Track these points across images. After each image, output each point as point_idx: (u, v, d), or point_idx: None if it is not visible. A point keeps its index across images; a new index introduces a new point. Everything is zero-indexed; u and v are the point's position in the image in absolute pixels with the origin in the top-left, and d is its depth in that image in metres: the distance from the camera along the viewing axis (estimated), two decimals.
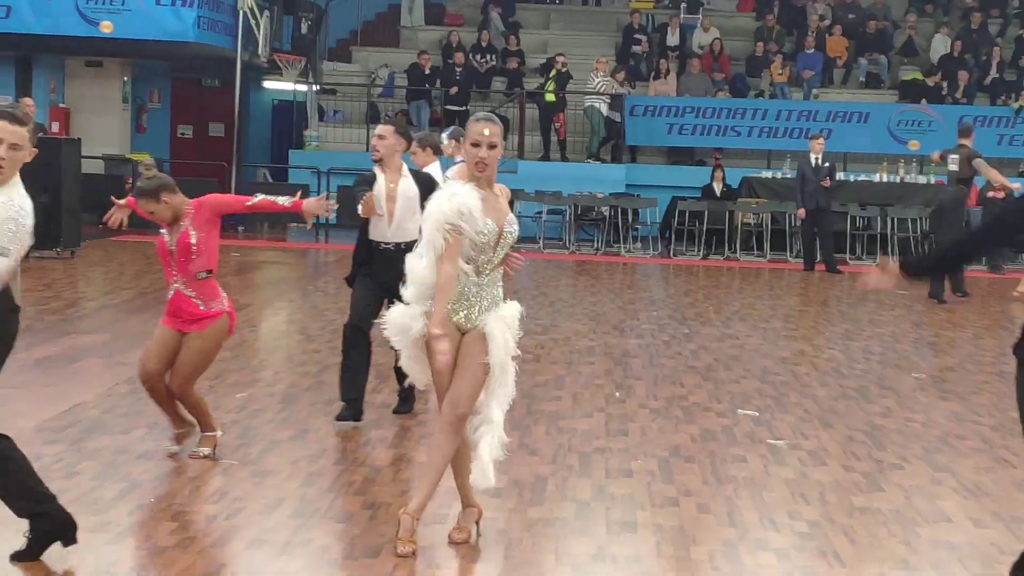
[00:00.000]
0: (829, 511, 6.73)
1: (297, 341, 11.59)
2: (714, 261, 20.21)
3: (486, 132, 5.88)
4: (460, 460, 6.07)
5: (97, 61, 22.52)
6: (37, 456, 7.09)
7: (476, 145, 5.89)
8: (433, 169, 9.01)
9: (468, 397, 5.86)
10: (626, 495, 6.88)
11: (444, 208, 5.75)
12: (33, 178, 17.74)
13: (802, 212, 18.65)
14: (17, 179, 5.40)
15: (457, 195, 5.78)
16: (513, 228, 5.95)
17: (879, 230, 21.00)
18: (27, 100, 18.41)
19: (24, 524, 5.54)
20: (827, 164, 18.83)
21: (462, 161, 8.75)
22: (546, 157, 23.27)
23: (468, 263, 5.83)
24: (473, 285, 5.89)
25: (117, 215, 7.63)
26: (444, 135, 10.71)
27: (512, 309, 5.98)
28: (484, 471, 5.91)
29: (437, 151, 9.47)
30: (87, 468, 6.97)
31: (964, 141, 15.84)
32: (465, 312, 5.89)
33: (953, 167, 15.81)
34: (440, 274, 5.73)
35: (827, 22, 25.90)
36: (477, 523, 6.18)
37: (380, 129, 8.42)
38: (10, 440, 5.49)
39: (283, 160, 23.92)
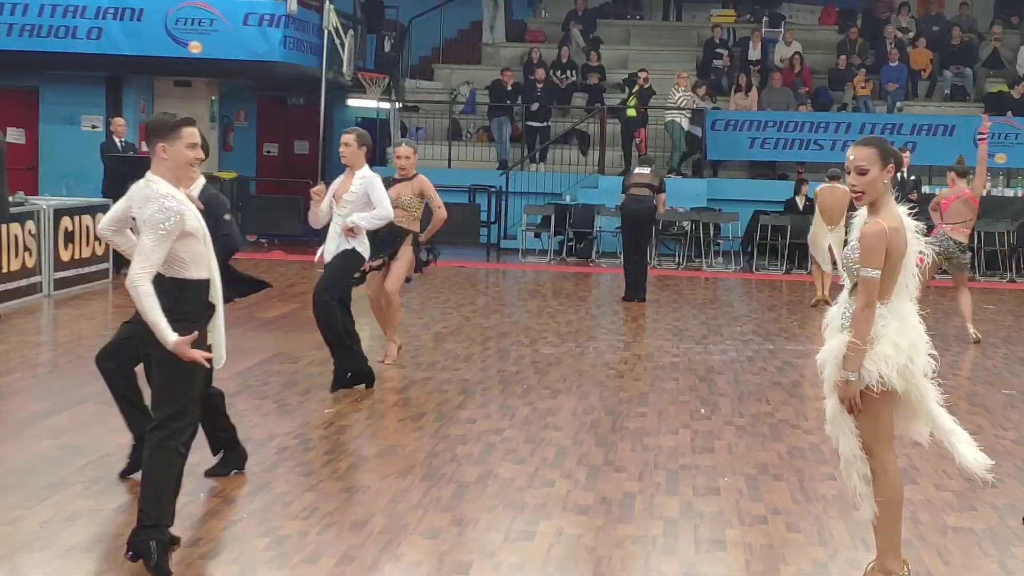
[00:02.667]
0: (921, 531, 6.67)
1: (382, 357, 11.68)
2: (797, 276, 20.05)
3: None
4: None
5: (186, 81, 22.89)
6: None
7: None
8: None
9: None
10: (714, 512, 6.87)
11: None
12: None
13: None
14: None
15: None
16: (849, 250, 5.56)
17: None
18: (118, 120, 18.77)
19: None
20: (912, 178, 18.62)
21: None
22: (627, 172, 23.23)
23: None
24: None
25: None
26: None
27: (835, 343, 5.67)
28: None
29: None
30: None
31: None
32: None
33: None
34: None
35: (911, 34, 25.64)
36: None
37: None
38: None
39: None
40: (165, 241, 5.55)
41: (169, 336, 5.52)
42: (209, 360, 5.79)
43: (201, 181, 7.09)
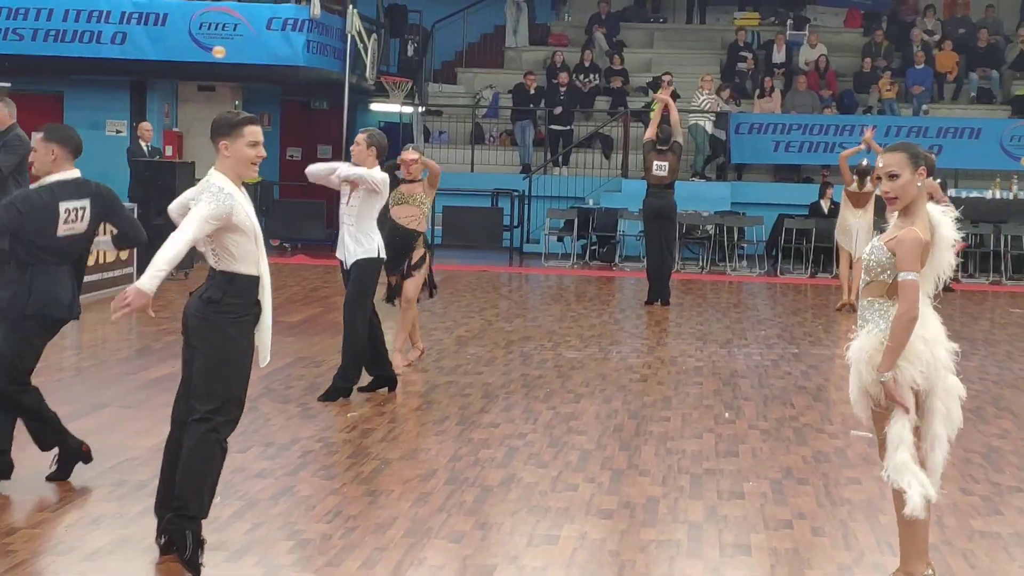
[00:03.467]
0: (947, 535, 6.62)
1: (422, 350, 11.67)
2: (822, 279, 19.97)
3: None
4: None
5: (209, 86, 22.96)
6: (156, 474, 7.24)
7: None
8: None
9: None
10: (739, 517, 6.84)
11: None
12: (148, 201, 18.16)
13: None
14: None
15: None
16: (871, 248, 5.61)
17: (992, 247, 20.60)
18: (145, 124, 18.84)
19: None
20: (938, 181, 18.52)
21: None
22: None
23: None
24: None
25: None
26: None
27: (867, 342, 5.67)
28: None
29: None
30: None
31: None
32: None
33: None
34: None
35: (936, 37, 25.51)
36: None
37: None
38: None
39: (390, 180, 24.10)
40: (208, 221, 5.68)
41: (144, 281, 5.64)
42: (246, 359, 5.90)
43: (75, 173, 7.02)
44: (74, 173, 6.99)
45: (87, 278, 14.64)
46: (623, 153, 23.21)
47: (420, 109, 24.41)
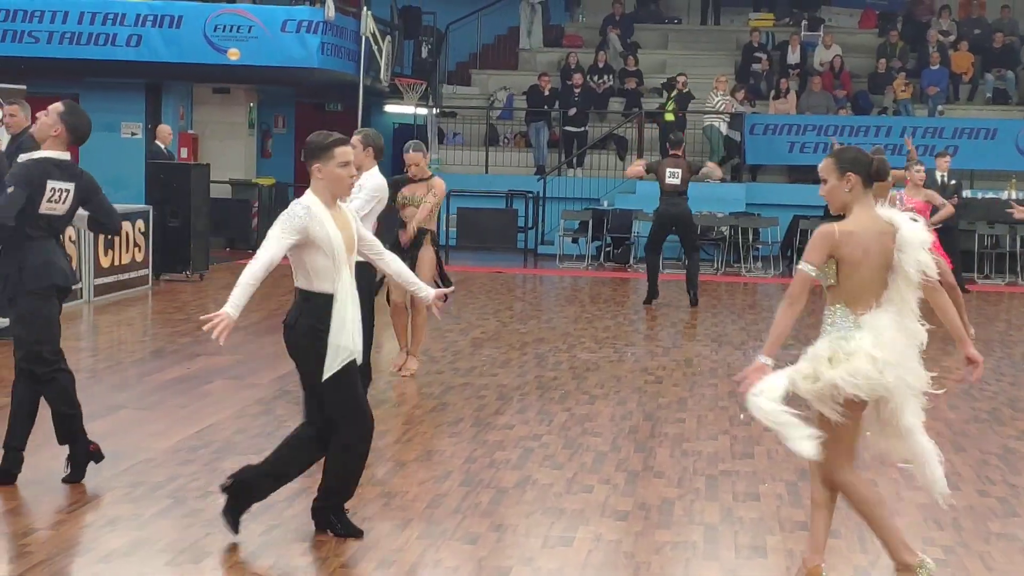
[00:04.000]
0: (964, 537, 6.60)
1: (420, 363, 11.66)
2: None
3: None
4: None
5: (224, 88, 23.00)
6: (173, 476, 7.27)
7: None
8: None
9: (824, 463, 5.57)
10: (755, 519, 6.82)
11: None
12: (164, 203, 18.20)
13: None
14: None
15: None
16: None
17: (1008, 248, 20.53)
18: (164, 127, 18.91)
19: None
20: (953, 182, 18.46)
21: None
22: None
23: None
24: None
25: None
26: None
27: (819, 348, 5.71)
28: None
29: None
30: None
31: None
32: None
33: None
34: None
35: (952, 37, 25.44)
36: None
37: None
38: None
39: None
40: (281, 238, 5.88)
41: (228, 307, 5.83)
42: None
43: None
44: (65, 155, 7.06)
45: (103, 279, 14.74)
46: (637, 154, 23.16)
47: (434, 111, 24.43)
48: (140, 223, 15.80)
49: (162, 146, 18.42)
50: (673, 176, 16.07)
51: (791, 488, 7.44)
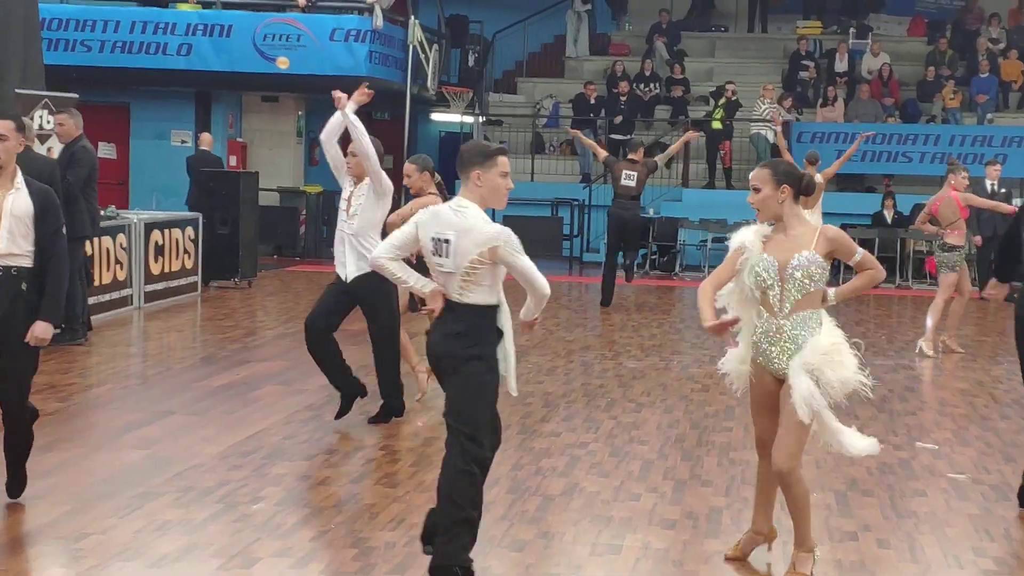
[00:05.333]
0: (1015, 548, 6.55)
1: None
2: (885, 290, 19.79)
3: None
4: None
5: (273, 96, 23.17)
6: (223, 482, 7.33)
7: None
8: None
9: (788, 456, 5.84)
10: None
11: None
12: (213, 211, 18.32)
13: (978, 240, 18.15)
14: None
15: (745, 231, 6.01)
16: (799, 263, 5.93)
17: None
18: (205, 135, 19.05)
19: None
20: (1003, 190, 18.31)
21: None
22: (711, 185, 23.14)
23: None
24: (772, 325, 5.89)
25: None
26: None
27: (821, 342, 5.92)
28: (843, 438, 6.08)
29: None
30: (270, 494, 7.16)
31: None
32: (776, 357, 5.93)
33: None
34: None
35: (1001, 45, 25.22)
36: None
37: None
38: None
39: (450, 190, 24.16)
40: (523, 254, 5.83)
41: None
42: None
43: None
44: None
45: (153, 286, 14.88)
46: (683, 163, 23.13)
47: (480, 119, 24.49)
48: (190, 230, 15.93)
49: (207, 148, 18.64)
50: (628, 179, 16.21)
51: (840, 498, 7.41)
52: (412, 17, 21.73)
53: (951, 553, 6.43)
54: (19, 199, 6.38)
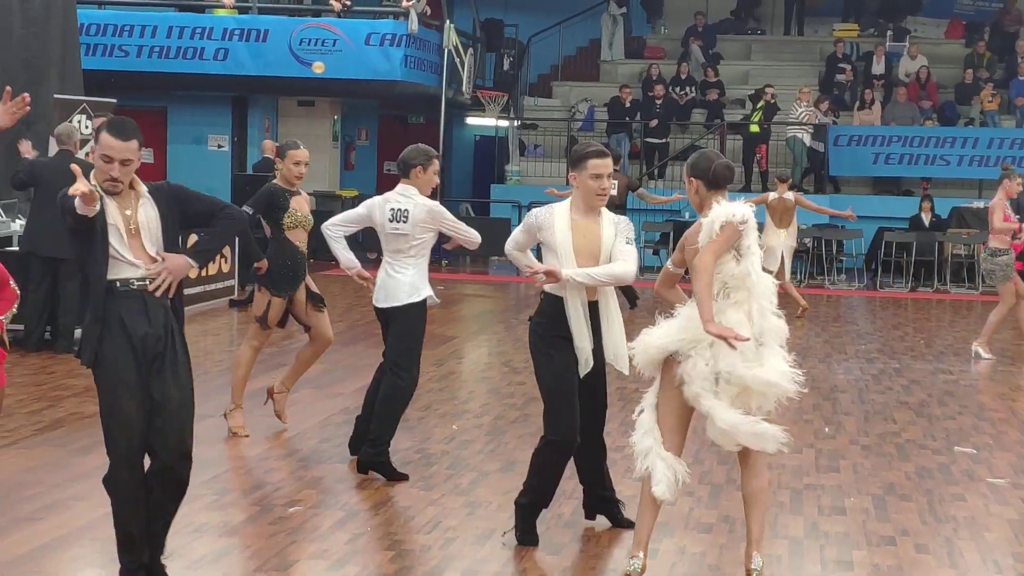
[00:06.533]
0: None
1: (502, 373, 11.70)
2: (923, 294, 19.69)
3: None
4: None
5: (309, 100, 23.26)
6: (259, 484, 7.37)
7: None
8: None
9: None
10: (841, 533, 6.76)
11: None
12: (250, 216, 18.29)
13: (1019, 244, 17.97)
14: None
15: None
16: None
17: None
18: (268, 142, 19.34)
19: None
20: None
21: None
22: (747, 188, 23.04)
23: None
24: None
25: None
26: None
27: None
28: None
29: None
30: (307, 496, 7.18)
31: None
32: None
33: None
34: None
35: None
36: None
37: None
38: None
39: (485, 194, 24.27)
40: (515, 235, 6.60)
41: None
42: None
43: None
44: None
45: (190, 290, 14.95)
46: None
47: (516, 123, 24.51)
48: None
49: (270, 155, 18.82)
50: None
51: (878, 502, 7.36)
52: (447, 21, 21.77)
53: (990, 558, 6.38)
54: (148, 208, 5.54)
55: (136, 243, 5.47)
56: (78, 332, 11.88)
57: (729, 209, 5.81)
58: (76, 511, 6.75)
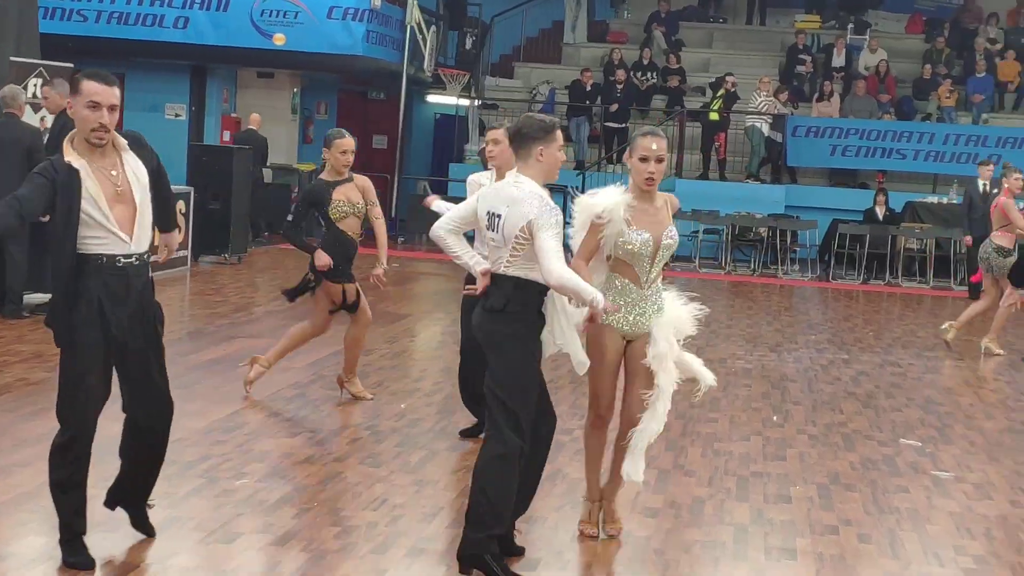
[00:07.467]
0: (996, 547, 6.56)
1: (455, 352, 11.65)
2: (874, 286, 19.84)
3: (654, 147, 5.96)
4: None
5: (269, 72, 23.10)
6: (206, 456, 7.33)
7: (645, 160, 5.95)
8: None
9: (642, 406, 6.06)
10: (785, 521, 6.81)
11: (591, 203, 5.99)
12: (206, 187, 18.28)
13: (968, 240, 18.15)
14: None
15: (604, 196, 6.00)
16: (671, 240, 6.08)
17: None
18: (254, 115, 19.32)
19: None
20: (996, 191, 18.30)
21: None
22: (704, 176, 23.13)
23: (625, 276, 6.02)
24: (637, 295, 6.02)
25: None
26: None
27: (677, 312, 6.19)
28: (636, 464, 6.10)
29: None
30: (253, 470, 7.15)
31: None
32: (632, 318, 6.05)
33: None
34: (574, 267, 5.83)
35: (999, 45, 25.23)
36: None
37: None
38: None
39: (443, 173, 24.20)
40: (559, 236, 5.58)
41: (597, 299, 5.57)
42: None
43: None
44: None
45: None
46: (678, 153, 23.10)
47: (476, 102, 24.44)
48: (180, 204, 15.87)
49: (255, 128, 18.82)
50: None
51: (823, 491, 7.42)
52: None
53: (931, 550, 6.44)
54: (133, 163, 5.47)
55: (122, 210, 5.39)
56: (28, 297, 11.77)
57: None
58: (21, 477, 6.69)
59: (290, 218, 8.84)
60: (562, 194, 22.22)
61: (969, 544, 6.58)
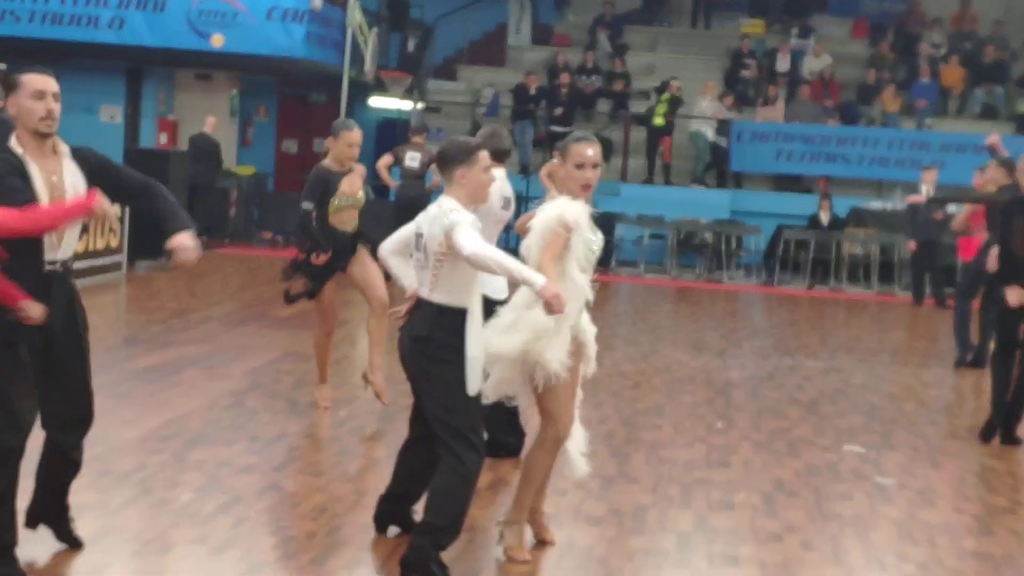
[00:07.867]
0: (939, 554, 6.53)
1: (395, 359, 11.53)
2: (819, 292, 19.90)
3: (590, 152, 5.89)
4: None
5: (206, 74, 22.83)
6: (141, 466, 7.16)
7: (581, 167, 5.87)
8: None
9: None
10: (728, 528, 6.74)
11: (556, 215, 5.79)
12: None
13: (912, 245, 18.25)
14: None
15: (569, 207, 5.83)
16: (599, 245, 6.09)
17: None
18: (210, 119, 19.12)
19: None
20: (939, 196, 18.42)
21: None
22: (649, 181, 23.12)
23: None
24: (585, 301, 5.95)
25: None
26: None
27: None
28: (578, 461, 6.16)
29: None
30: (189, 480, 7.00)
31: None
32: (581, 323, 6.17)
33: None
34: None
35: (943, 51, 25.41)
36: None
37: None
38: None
39: (373, 174, 24.03)
40: (477, 230, 5.49)
41: (536, 279, 5.48)
42: None
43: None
44: None
45: (76, 264, 14.57)
46: (623, 157, 23.10)
47: (419, 105, 24.30)
48: (116, 209, 15.63)
49: (209, 131, 18.64)
50: (412, 160, 16.55)
51: (766, 499, 7.36)
52: None
53: (874, 557, 6.40)
54: (72, 172, 5.41)
55: None
56: None
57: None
58: None
59: (309, 206, 8.63)
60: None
61: (912, 551, 6.54)
